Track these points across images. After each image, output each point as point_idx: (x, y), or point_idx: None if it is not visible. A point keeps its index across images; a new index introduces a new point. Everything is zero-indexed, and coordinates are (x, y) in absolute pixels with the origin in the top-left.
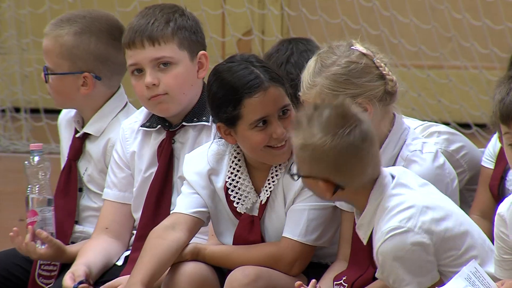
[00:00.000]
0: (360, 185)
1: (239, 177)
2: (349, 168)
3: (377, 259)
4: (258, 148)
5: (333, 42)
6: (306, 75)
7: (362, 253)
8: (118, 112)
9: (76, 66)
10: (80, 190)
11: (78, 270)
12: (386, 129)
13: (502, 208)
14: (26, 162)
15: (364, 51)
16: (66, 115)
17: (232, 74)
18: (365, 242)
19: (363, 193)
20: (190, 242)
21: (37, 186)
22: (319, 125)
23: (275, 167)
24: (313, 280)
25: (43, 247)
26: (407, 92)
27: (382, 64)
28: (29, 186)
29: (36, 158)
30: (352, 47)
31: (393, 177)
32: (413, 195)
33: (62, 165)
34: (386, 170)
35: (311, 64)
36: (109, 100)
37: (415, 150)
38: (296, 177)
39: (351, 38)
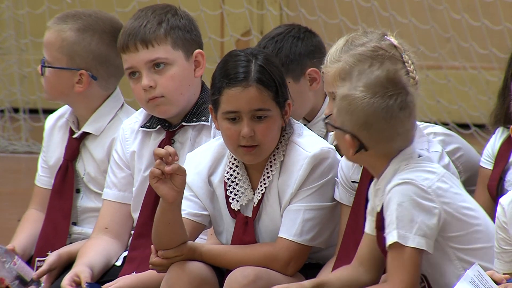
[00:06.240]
0: (384, 151)
1: (237, 173)
2: (377, 130)
3: (384, 199)
4: (230, 142)
5: (368, 28)
6: (333, 51)
7: (355, 248)
8: (117, 111)
9: (74, 62)
10: (78, 191)
11: (84, 272)
12: None
13: (504, 200)
14: None
15: (395, 43)
16: (57, 119)
17: (233, 62)
18: (378, 208)
19: (385, 160)
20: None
21: None
22: (366, 80)
23: (266, 168)
24: None
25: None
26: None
27: (409, 61)
28: None
29: None
30: (385, 37)
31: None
32: (438, 168)
33: (39, 168)
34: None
35: (340, 42)
36: (106, 100)
37: (422, 149)
38: (330, 127)
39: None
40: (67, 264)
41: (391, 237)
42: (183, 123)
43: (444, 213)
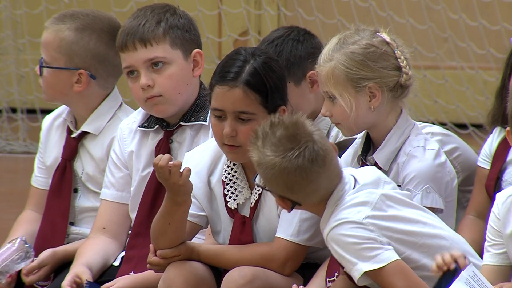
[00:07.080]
0: (316, 200)
1: (235, 171)
2: (300, 189)
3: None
4: (216, 139)
5: (361, 26)
6: (326, 50)
7: None
8: (116, 111)
9: (73, 62)
10: (76, 190)
11: (85, 272)
12: (392, 122)
13: (500, 198)
14: None
15: (387, 39)
16: (54, 119)
17: (231, 60)
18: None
19: (322, 205)
20: None
21: None
22: (271, 145)
23: None
24: (301, 286)
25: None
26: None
27: (402, 57)
28: None
29: None
30: (377, 33)
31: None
32: (371, 194)
33: (35, 168)
34: (350, 176)
35: (333, 41)
36: (104, 99)
37: (418, 146)
38: (261, 188)
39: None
40: (63, 263)
41: (356, 273)
42: (181, 123)
43: (386, 239)
